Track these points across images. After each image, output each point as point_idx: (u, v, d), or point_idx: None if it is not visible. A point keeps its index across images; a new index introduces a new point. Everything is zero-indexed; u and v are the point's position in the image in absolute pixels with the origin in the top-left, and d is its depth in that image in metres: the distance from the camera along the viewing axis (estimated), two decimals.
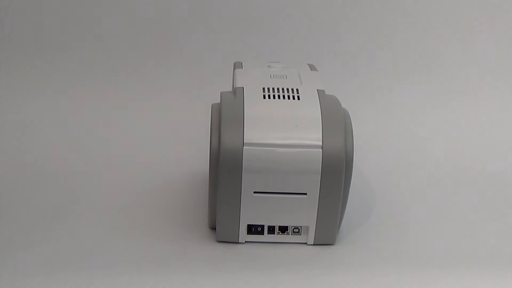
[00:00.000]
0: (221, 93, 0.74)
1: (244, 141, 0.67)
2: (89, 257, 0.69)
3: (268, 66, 0.80)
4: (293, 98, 0.71)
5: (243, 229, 0.71)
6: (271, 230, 0.72)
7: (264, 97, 0.71)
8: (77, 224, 0.77)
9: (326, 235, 0.72)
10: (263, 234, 0.72)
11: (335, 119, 0.69)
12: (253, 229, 0.72)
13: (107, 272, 0.67)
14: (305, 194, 0.68)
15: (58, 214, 0.79)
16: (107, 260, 0.69)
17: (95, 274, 0.66)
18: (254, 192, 0.68)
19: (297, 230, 0.72)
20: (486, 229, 0.79)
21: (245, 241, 0.73)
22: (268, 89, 0.72)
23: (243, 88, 0.72)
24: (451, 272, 0.69)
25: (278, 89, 0.72)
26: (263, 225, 0.72)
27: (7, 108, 1.06)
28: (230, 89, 0.77)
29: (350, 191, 0.71)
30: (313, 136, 0.67)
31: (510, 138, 1.03)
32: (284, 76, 0.77)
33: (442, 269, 0.69)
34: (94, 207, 0.81)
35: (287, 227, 0.72)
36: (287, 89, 0.72)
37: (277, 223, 0.72)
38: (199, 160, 0.88)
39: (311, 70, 0.82)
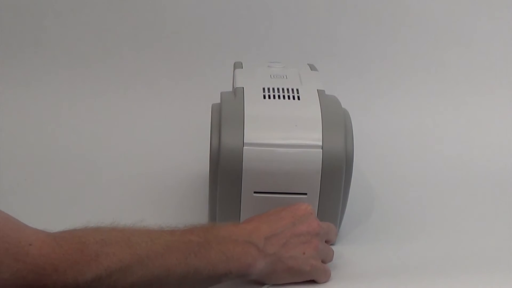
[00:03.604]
0: (221, 93, 0.74)
1: (244, 141, 0.66)
2: None
3: (268, 66, 0.80)
4: (293, 98, 0.71)
5: None
6: None
7: (264, 97, 0.71)
8: (77, 224, 0.77)
9: None
10: None
11: (335, 119, 0.69)
12: None
13: None
14: (305, 194, 0.68)
15: (57, 214, 0.79)
16: None
17: None
18: (254, 192, 0.68)
19: None
20: (487, 229, 0.79)
21: None
22: (268, 89, 0.72)
23: (243, 88, 0.72)
24: (451, 272, 0.68)
25: (278, 89, 0.72)
26: None
27: (7, 108, 1.06)
28: (230, 89, 0.77)
29: (350, 191, 0.71)
30: (313, 136, 0.67)
31: (511, 138, 1.03)
32: (284, 76, 0.76)
33: (442, 269, 0.69)
34: (94, 207, 0.81)
35: None
36: (287, 89, 0.72)
37: None
38: (199, 160, 0.88)
39: (311, 70, 0.82)
